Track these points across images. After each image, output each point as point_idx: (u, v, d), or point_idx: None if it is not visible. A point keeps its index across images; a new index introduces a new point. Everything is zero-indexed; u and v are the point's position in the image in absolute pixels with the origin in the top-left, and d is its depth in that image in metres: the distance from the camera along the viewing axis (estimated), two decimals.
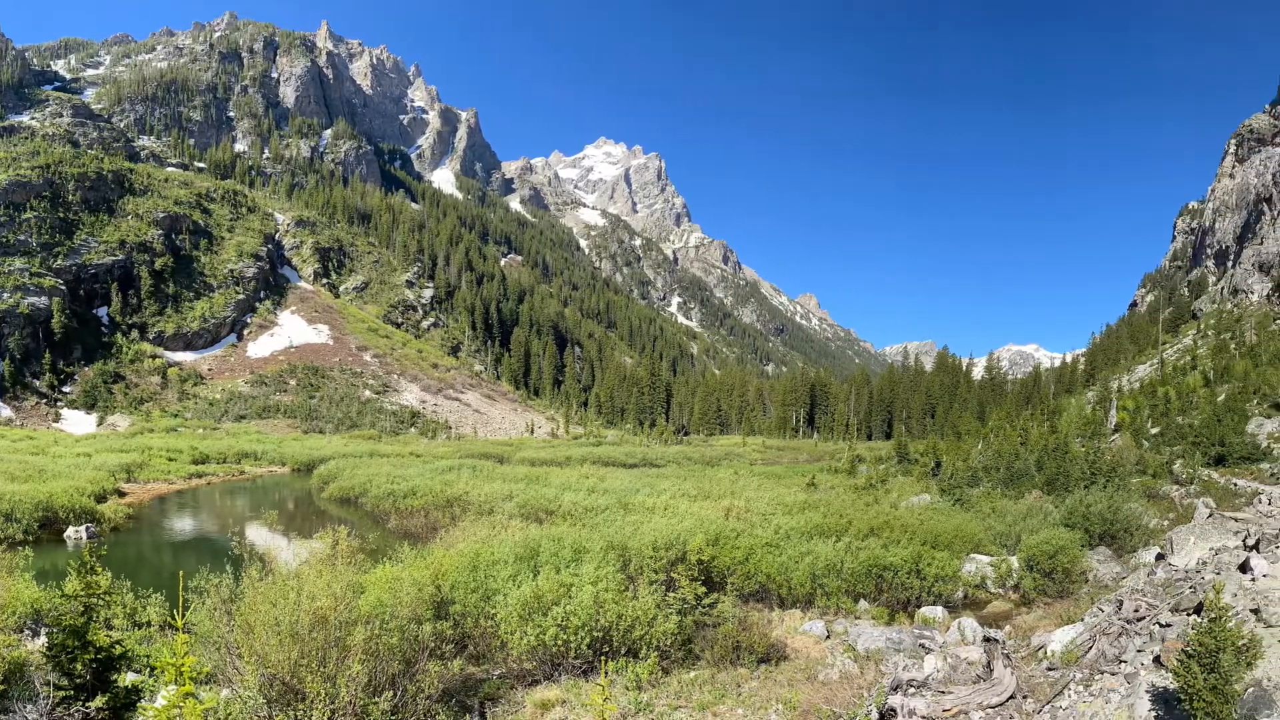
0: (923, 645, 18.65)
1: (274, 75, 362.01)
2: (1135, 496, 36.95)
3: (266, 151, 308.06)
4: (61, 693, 10.42)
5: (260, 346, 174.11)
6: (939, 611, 22.72)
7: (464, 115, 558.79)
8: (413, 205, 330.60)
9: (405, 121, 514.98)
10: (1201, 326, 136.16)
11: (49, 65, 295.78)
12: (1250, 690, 11.18)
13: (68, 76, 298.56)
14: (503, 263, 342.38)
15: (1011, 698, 14.01)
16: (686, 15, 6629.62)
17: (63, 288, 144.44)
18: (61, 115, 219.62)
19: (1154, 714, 12.15)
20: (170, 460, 72.17)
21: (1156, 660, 14.41)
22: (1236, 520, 30.14)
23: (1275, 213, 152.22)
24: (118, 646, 10.92)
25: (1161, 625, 16.75)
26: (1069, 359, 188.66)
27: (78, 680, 10.54)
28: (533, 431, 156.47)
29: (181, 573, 10.73)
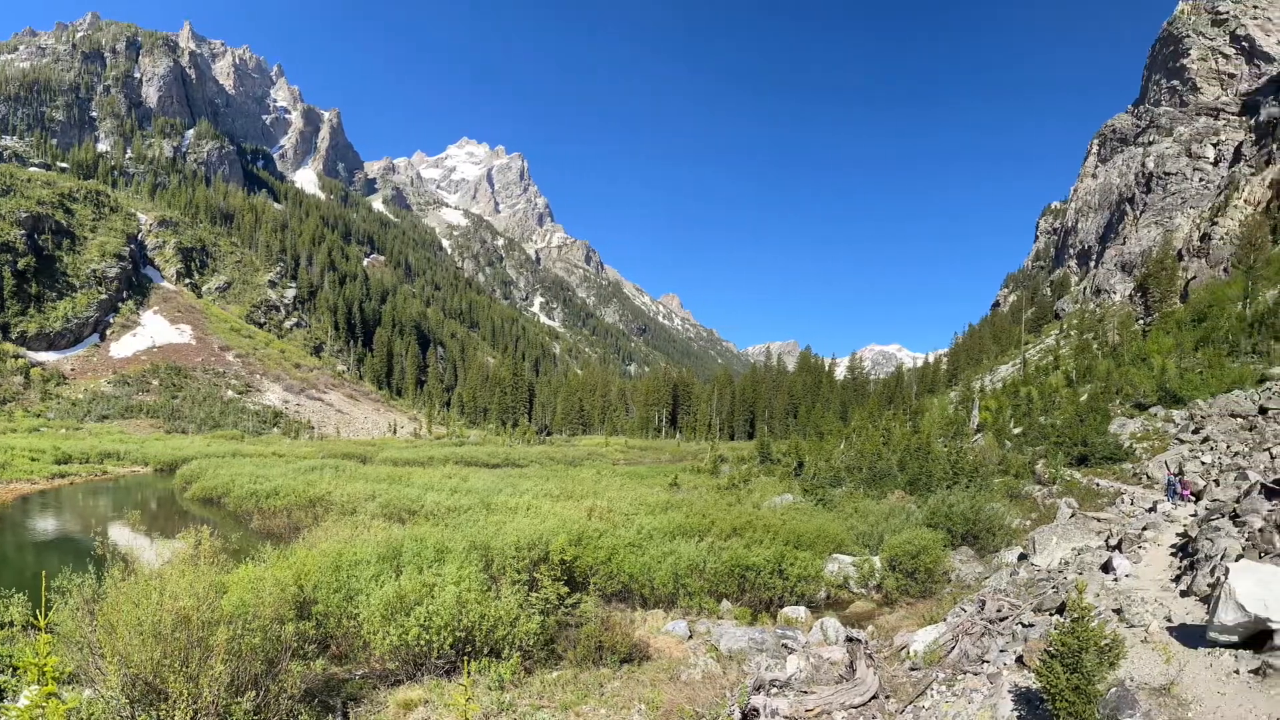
0: (785, 645, 18.90)
1: (137, 75, 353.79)
2: (998, 497, 37.63)
3: (129, 151, 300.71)
4: None
5: (123, 346, 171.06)
6: (802, 611, 23.04)
7: (327, 115, 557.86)
8: (275, 205, 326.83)
9: (268, 121, 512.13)
10: (1064, 326, 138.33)
11: None
12: (1113, 690, 11.37)
13: None
14: (365, 263, 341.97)
15: (874, 697, 14.16)
16: (549, 15, 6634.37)
17: None
18: None
19: (1017, 714, 12.38)
20: (33, 460, 70.44)
21: (1019, 660, 14.74)
22: (1099, 520, 30.88)
23: (1138, 212, 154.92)
24: None
25: (1024, 625, 17.14)
26: (932, 359, 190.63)
27: None
28: (395, 431, 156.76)
29: (44, 573, 10.58)
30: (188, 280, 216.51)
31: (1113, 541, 24.84)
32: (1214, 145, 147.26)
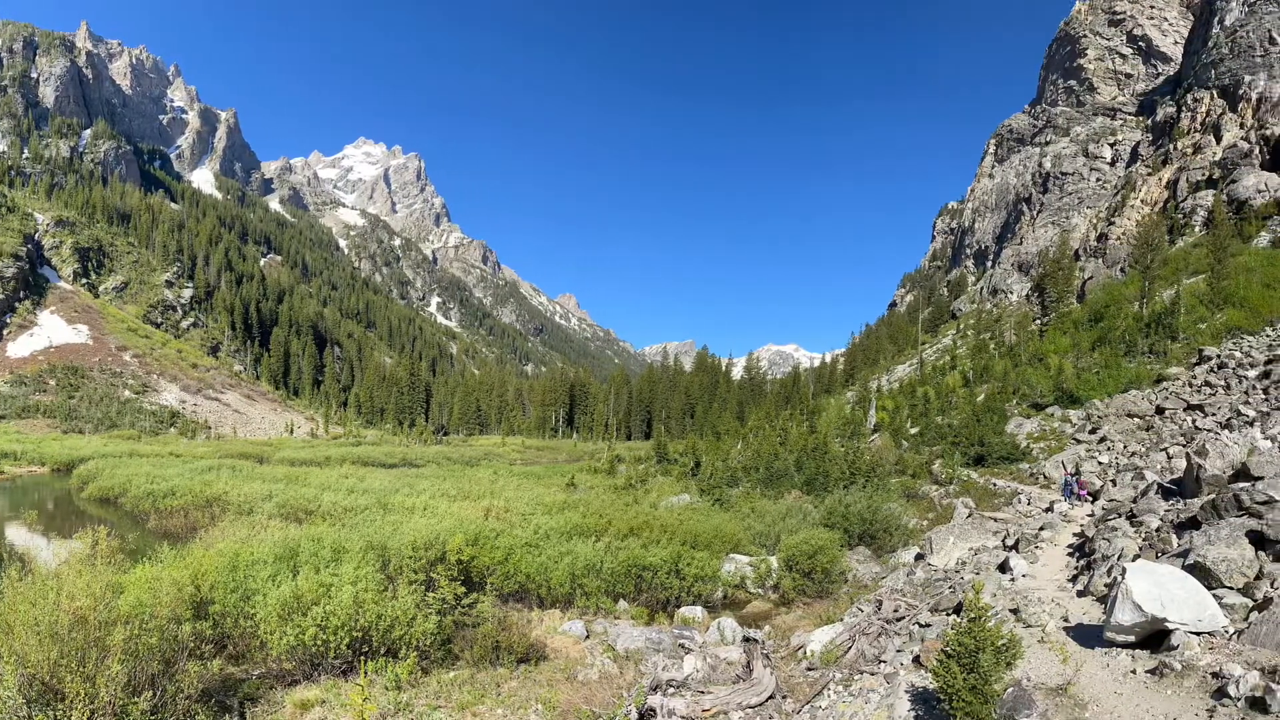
0: (682, 645, 18.90)
1: (33, 75, 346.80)
2: (895, 497, 37.99)
3: (26, 151, 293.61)
4: None
5: (20, 346, 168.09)
6: (699, 611, 22.97)
7: (223, 115, 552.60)
8: (172, 205, 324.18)
9: (165, 121, 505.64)
10: (961, 326, 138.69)
11: None
12: (1010, 690, 11.40)
13: None
14: (262, 263, 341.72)
15: (771, 698, 14.19)
16: (446, 14, 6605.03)
17: None
18: None
19: (913, 714, 12.38)
20: None
21: (916, 660, 14.84)
22: (996, 520, 31.25)
23: (1035, 212, 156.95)
24: None
25: (921, 625, 17.30)
26: (829, 359, 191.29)
27: None
28: (292, 431, 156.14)
29: None
30: (85, 280, 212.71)
31: (1010, 541, 25.16)
32: (1111, 145, 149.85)
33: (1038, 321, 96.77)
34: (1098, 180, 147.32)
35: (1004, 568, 21.44)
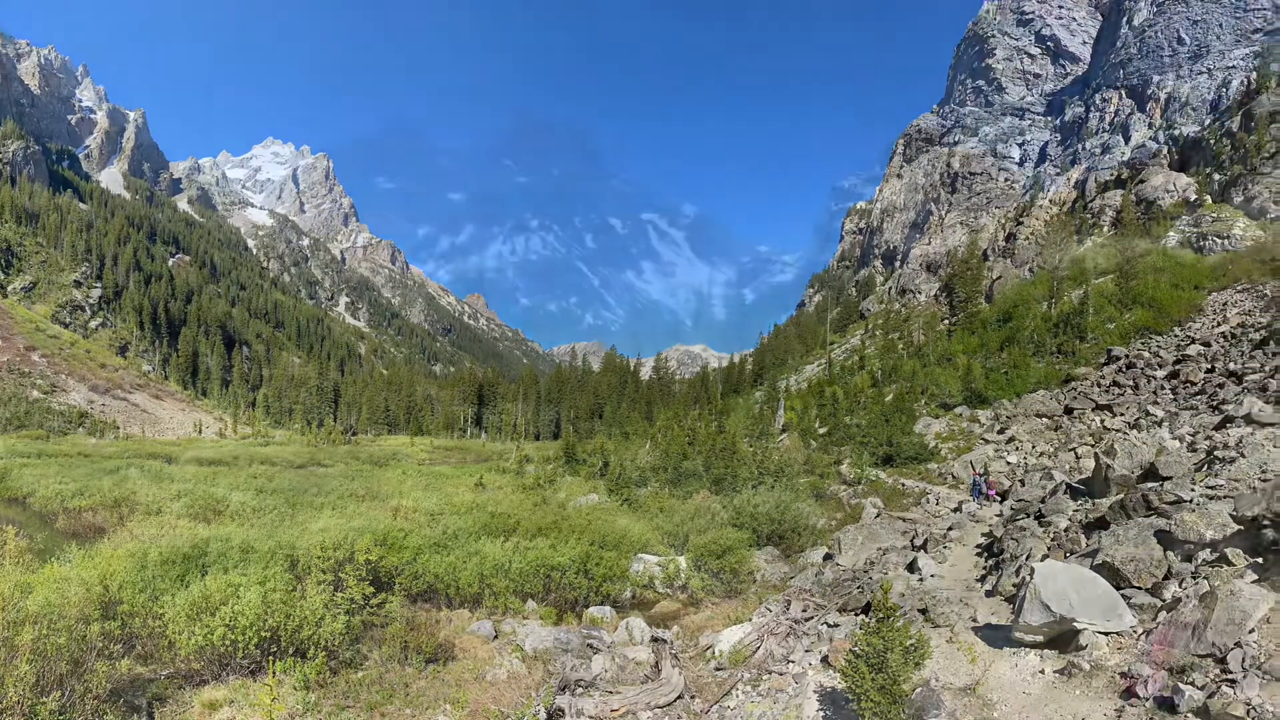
0: (591, 645, 18.94)
1: None
2: (803, 496, 38.20)
3: None
4: None
5: None
6: (607, 611, 23.07)
7: (132, 115, 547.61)
8: (81, 205, 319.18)
9: (73, 121, 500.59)
10: (870, 326, 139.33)
11: None
12: (918, 690, 11.50)
13: None
14: (171, 263, 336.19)
15: (680, 697, 14.28)
16: (355, 12, 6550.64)
17: None
18: None
19: (822, 714, 12.47)
20: None
21: (825, 660, 14.98)
22: (905, 520, 31.53)
23: (943, 212, 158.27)
24: None
25: (829, 625, 17.45)
26: (737, 359, 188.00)
27: None
28: (201, 431, 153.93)
29: None
30: None
31: (918, 541, 25.53)
32: (1019, 145, 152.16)
33: (946, 321, 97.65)
34: (1006, 180, 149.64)
35: (912, 567, 21.70)
